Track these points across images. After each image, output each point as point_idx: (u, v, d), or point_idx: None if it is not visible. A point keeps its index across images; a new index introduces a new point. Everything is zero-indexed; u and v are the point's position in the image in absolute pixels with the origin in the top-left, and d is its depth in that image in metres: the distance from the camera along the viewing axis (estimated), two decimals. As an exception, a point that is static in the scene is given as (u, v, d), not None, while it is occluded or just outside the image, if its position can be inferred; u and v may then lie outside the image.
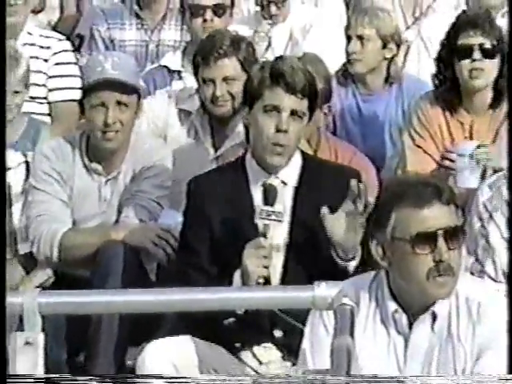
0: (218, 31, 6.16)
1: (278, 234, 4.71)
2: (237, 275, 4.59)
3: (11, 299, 3.98)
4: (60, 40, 6.98)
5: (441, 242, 3.98)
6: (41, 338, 3.39)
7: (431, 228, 3.98)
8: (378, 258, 4.13)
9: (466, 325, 4.04)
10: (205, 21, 6.50)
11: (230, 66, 5.62)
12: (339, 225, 4.60)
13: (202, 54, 5.73)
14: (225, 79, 5.61)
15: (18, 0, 6.84)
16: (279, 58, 5.29)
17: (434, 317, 4.05)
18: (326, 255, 4.65)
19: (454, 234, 4.01)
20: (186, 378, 3.44)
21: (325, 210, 4.62)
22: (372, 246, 4.28)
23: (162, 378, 3.38)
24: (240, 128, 5.39)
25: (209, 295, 3.90)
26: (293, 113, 4.73)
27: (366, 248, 4.51)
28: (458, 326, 4.06)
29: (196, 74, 5.78)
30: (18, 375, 3.18)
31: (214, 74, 5.61)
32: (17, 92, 5.91)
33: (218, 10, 6.57)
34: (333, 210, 4.68)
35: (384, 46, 6.29)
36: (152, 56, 6.89)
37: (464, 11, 6.17)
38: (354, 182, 4.53)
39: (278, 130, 4.69)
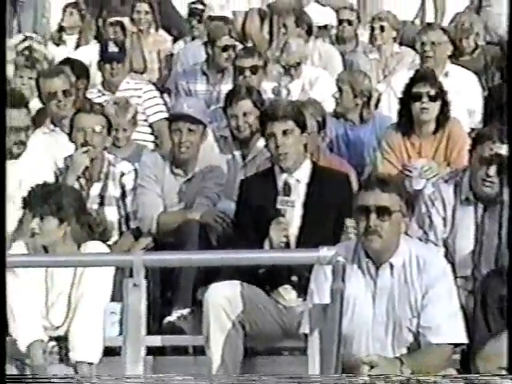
0: (238, 85, 6.22)
1: (292, 215, 4.70)
2: (266, 242, 4.61)
3: (126, 257, 4.17)
4: (147, 84, 7.06)
5: (372, 214, 4.01)
6: (144, 282, 3.41)
7: (366, 204, 4.03)
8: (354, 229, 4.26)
9: (416, 273, 4.06)
10: (245, 77, 6.43)
11: (246, 105, 5.62)
12: None
13: (229, 98, 5.75)
14: (244, 114, 5.59)
15: (119, 64, 6.79)
16: (275, 101, 5.51)
17: (392, 266, 4.07)
18: (328, 228, 4.68)
19: (385, 211, 4.03)
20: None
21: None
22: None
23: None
24: (257, 144, 5.49)
25: (249, 254, 4.12)
26: (285, 132, 4.74)
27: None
28: (410, 274, 4.07)
29: (225, 111, 5.79)
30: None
31: (236, 111, 5.63)
32: (125, 130, 5.95)
33: (254, 70, 6.49)
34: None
35: (355, 96, 6.19)
36: (214, 100, 6.79)
37: (417, 70, 6.11)
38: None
39: (276, 145, 4.73)
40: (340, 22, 7.74)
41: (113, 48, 6.87)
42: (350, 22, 7.68)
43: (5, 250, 3.13)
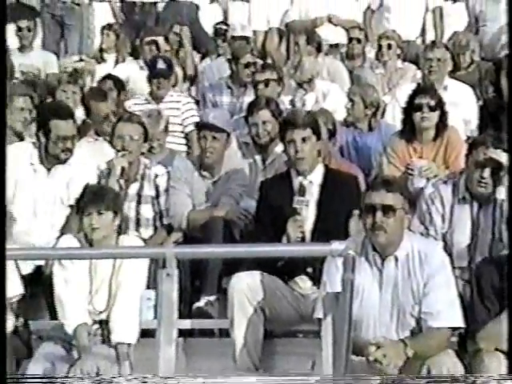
0: (258, 97, 6.21)
1: (307, 213, 4.68)
2: (284, 237, 4.59)
3: (160, 250, 4.17)
4: (186, 97, 7.09)
5: (378, 212, 4.00)
6: (175, 272, 3.40)
7: (373, 203, 4.03)
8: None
9: (418, 264, 4.05)
10: (264, 90, 6.42)
11: (265, 114, 5.61)
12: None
13: (250, 109, 5.76)
14: (263, 123, 5.59)
15: (166, 79, 6.85)
16: (295, 111, 5.49)
17: (396, 258, 4.06)
18: (339, 224, 4.63)
19: (390, 209, 4.01)
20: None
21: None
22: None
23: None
24: (276, 150, 5.48)
25: (268, 248, 4.12)
26: (304, 139, 4.73)
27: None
28: (413, 265, 4.05)
29: (247, 120, 5.78)
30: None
31: (256, 120, 5.62)
32: (158, 139, 5.92)
33: (272, 84, 6.49)
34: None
35: (365, 107, 6.18)
36: (238, 110, 6.78)
37: (419, 84, 6.16)
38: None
39: (296, 150, 4.71)
40: (350, 40, 7.71)
41: (161, 65, 6.92)
42: (358, 40, 7.65)
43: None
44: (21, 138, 5.90)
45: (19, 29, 8.01)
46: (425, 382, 3.55)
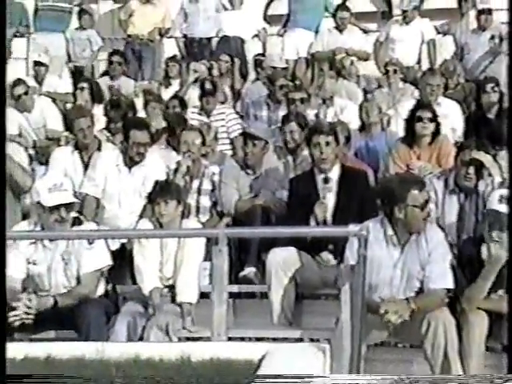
0: (290, 112, 6.10)
1: (329, 198, 4.66)
2: (312, 219, 4.57)
3: (213, 231, 4.16)
4: (229, 108, 7.02)
5: (427, 205, 4.02)
6: (225, 248, 3.48)
7: (424, 199, 4.00)
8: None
9: (424, 241, 4.00)
10: (295, 106, 6.33)
11: (293, 126, 5.46)
12: None
13: (283, 121, 5.65)
14: (291, 132, 5.43)
15: (213, 97, 6.76)
16: (321, 121, 5.41)
17: (414, 238, 4.01)
18: (353, 210, 4.57)
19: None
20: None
21: None
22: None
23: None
24: (303, 153, 5.36)
25: (298, 229, 4.20)
26: (327, 143, 4.71)
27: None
28: (422, 243, 4.00)
29: (281, 129, 5.68)
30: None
31: (287, 130, 5.48)
32: (210, 145, 5.87)
33: (301, 101, 6.42)
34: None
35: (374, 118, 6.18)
36: (274, 122, 6.66)
37: (418, 101, 6.04)
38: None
39: (321, 152, 4.70)
40: (342, 66, 7.55)
41: (208, 85, 6.89)
42: (351, 63, 7.56)
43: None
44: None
45: (111, 62, 8.03)
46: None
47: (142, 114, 6.88)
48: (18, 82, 6.82)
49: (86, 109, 6.29)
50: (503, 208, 3.97)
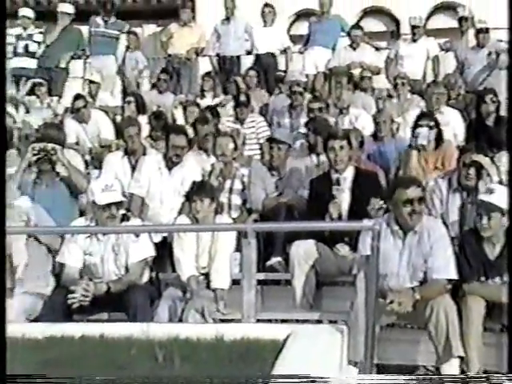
0: (310, 120, 6.03)
1: (342, 197, 4.62)
2: (327, 216, 4.53)
3: (243, 225, 4.14)
4: (259, 117, 6.98)
5: (415, 202, 3.93)
6: (254, 241, 3.39)
7: (411, 196, 3.94)
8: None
9: (426, 235, 3.95)
10: (314, 115, 6.28)
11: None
12: None
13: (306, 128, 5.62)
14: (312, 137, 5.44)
15: (246, 108, 6.80)
16: (335, 128, 5.30)
17: (414, 232, 3.95)
18: (365, 207, 4.49)
19: (421, 199, 3.96)
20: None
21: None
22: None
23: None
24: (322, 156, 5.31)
25: (317, 224, 4.16)
26: (341, 147, 4.66)
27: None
28: (423, 236, 3.95)
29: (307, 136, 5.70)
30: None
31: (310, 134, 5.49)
32: (239, 149, 5.77)
33: (320, 110, 6.32)
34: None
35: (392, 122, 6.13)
36: (295, 128, 6.62)
37: (422, 112, 5.91)
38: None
39: (335, 155, 4.65)
40: (361, 77, 7.55)
41: (242, 98, 6.92)
42: (369, 78, 7.50)
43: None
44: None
45: (158, 79, 8.06)
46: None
47: (180, 122, 6.95)
48: (78, 96, 6.96)
49: (133, 118, 6.31)
50: (488, 198, 3.93)
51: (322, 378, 2.04)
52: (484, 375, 3.44)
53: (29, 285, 4.22)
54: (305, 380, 2.01)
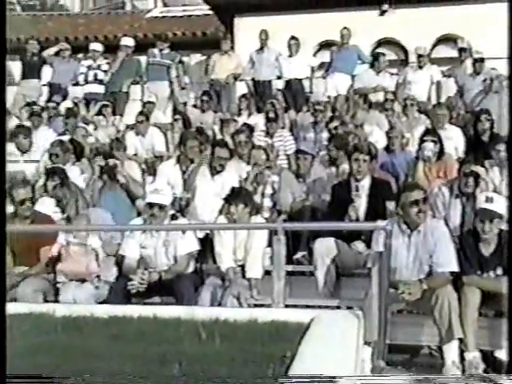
0: (332, 134, 6.02)
1: (360, 202, 4.55)
2: (346, 217, 4.46)
3: (273, 225, 4.10)
4: (287, 132, 6.91)
5: (420, 203, 3.86)
6: (283, 237, 3.40)
7: (416, 198, 3.88)
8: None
9: (430, 234, 3.83)
10: (336, 130, 6.28)
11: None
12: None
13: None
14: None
15: (275, 124, 6.73)
16: (359, 143, 5.22)
17: (419, 231, 3.90)
18: (380, 210, 4.43)
19: (425, 200, 3.90)
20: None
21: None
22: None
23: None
24: (343, 165, 5.28)
25: (337, 224, 4.11)
26: (364, 160, 4.63)
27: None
28: (428, 235, 3.87)
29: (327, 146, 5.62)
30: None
31: (331, 147, 5.42)
32: (271, 160, 5.68)
33: (339, 126, 6.33)
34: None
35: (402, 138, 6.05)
36: (319, 142, 6.57)
37: (427, 129, 5.75)
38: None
39: (358, 166, 4.60)
40: (386, 99, 7.42)
41: (271, 115, 6.89)
42: (392, 100, 7.36)
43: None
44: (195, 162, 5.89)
45: (202, 100, 8.09)
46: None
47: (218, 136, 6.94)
48: (140, 113, 7.12)
49: (194, 132, 6.29)
50: (490, 206, 3.85)
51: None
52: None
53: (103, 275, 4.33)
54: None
